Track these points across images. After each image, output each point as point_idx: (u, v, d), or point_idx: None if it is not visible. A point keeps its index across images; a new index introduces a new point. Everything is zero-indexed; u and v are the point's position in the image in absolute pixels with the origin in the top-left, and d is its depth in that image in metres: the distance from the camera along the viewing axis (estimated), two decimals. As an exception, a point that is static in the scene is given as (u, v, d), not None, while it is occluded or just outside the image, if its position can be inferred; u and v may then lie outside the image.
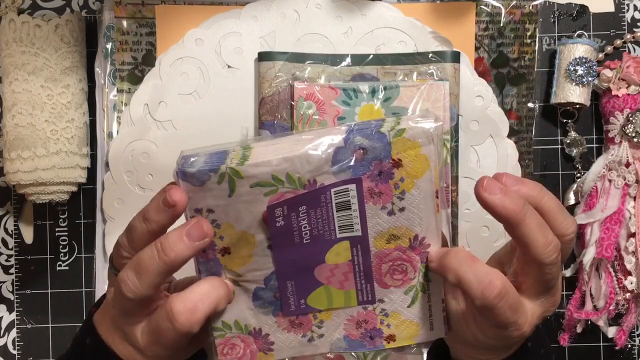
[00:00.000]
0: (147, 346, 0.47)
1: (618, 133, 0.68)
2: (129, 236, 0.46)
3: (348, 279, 0.49)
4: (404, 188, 0.47)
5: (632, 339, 0.71)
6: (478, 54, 0.70)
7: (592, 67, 0.68)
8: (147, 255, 0.44)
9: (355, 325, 0.51)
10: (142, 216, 0.46)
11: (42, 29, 0.66)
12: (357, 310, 0.51)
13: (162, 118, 0.68)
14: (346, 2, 0.69)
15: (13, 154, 0.65)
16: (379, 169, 0.46)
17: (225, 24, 0.68)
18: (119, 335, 0.48)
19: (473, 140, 0.69)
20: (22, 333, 0.71)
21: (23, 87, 0.66)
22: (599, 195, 0.69)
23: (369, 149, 0.45)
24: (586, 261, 0.68)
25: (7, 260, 0.71)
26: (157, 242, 0.44)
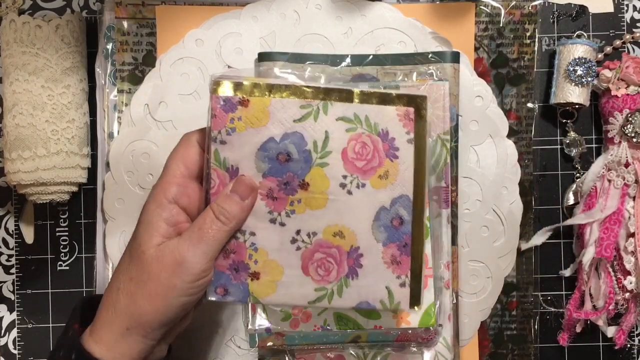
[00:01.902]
0: (206, 265, 0.51)
1: (617, 133, 0.69)
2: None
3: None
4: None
5: (632, 338, 0.72)
6: (478, 55, 0.70)
7: (592, 68, 0.68)
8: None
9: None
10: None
11: (42, 30, 0.66)
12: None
13: (163, 118, 0.68)
14: (346, 3, 0.69)
15: (14, 154, 0.65)
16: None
17: (225, 24, 0.69)
18: (140, 334, 0.51)
19: (473, 140, 0.69)
20: (23, 333, 0.71)
21: (24, 87, 0.66)
22: (598, 195, 0.69)
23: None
24: (585, 261, 0.68)
25: (8, 260, 0.71)
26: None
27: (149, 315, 0.50)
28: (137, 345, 0.51)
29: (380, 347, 0.67)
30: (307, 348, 0.66)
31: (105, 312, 0.52)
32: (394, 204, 0.55)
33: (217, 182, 0.53)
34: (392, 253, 0.55)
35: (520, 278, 0.70)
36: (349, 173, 0.55)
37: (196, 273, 0.50)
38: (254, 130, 0.53)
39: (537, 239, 0.70)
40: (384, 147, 0.55)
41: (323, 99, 0.54)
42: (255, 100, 0.53)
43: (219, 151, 0.53)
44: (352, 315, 0.64)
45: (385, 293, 0.56)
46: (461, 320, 0.69)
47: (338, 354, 0.68)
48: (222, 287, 0.54)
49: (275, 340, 0.65)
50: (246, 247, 0.54)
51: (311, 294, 0.55)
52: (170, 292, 0.50)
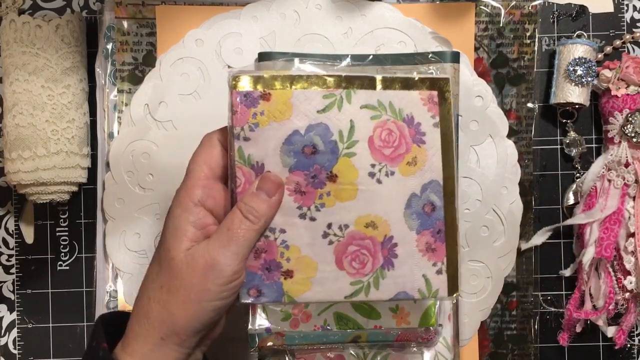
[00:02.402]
0: (238, 266, 0.50)
1: (617, 133, 0.69)
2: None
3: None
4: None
5: (632, 338, 0.72)
6: (478, 54, 0.70)
7: (592, 68, 0.68)
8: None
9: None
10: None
11: (42, 30, 0.66)
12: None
13: (163, 118, 0.68)
14: (346, 3, 0.69)
15: (14, 154, 0.65)
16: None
17: (225, 24, 0.69)
18: (175, 342, 0.50)
19: (473, 140, 0.69)
20: (23, 333, 0.71)
21: (24, 87, 0.66)
22: (598, 195, 0.69)
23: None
24: (585, 261, 0.68)
25: (8, 260, 0.71)
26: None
27: (183, 322, 0.49)
28: (173, 355, 0.50)
29: (380, 347, 0.67)
30: (307, 348, 0.66)
31: (137, 324, 0.51)
32: (424, 190, 0.54)
33: (243, 180, 0.52)
34: (426, 240, 0.54)
35: (520, 278, 0.70)
36: (377, 162, 0.53)
37: (228, 275, 0.49)
38: (278, 124, 0.51)
39: (537, 239, 0.70)
40: (411, 133, 0.54)
41: (345, 87, 0.52)
42: (277, 93, 0.51)
43: (242, 148, 0.51)
44: (352, 315, 0.64)
45: (422, 282, 0.54)
46: (461, 320, 0.69)
47: (338, 354, 0.68)
48: (255, 288, 0.52)
49: (275, 340, 0.65)
50: (277, 245, 0.52)
51: (347, 288, 0.54)
52: (203, 297, 0.49)
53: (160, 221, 0.69)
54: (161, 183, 0.69)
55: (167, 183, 0.68)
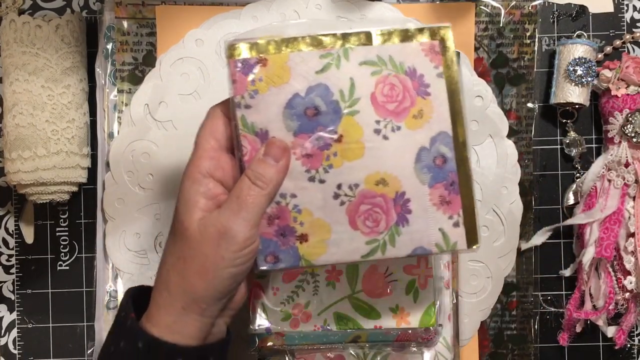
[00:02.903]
0: (251, 231, 0.50)
1: (617, 133, 0.69)
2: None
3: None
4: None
5: (632, 338, 0.72)
6: (478, 54, 0.70)
7: (592, 68, 0.68)
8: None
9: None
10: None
11: (42, 30, 0.66)
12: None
13: (163, 118, 0.68)
14: (346, 3, 0.69)
15: (14, 154, 0.65)
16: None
17: (225, 24, 0.69)
18: (195, 311, 0.51)
19: (473, 140, 0.69)
20: (23, 333, 0.71)
21: (24, 87, 0.66)
22: (598, 195, 0.69)
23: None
24: (585, 261, 0.68)
25: (8, 260, 0.71)
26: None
27: (201, 291, 0.50)
28: (195, 324, 0.51)
29: (380, 347, 0.67)
30: (307, 348, 0.66)
31: (159, 295, 0.52)
32: (433, 142, 0.53)
33: (249, 148, 0.51)
34: (439, 194, 0.53)
35: (520, 278, 0.70)
36: (381, 118, 0.52)
37: (241, 241, 0.50)
38: (277, 89, 0.51)
39: (537, 239, 0.70)
40: (414, 86, 0.53)
41: (342, 45, 0.51)
42: (273, 58, 0.51)
43: (245, 116, 0.51)
44: (352, 315, 0.64)
45: (439, 236, 0.53)
46: (461, 320, 0.69)
47: (338, 354, 0.68)
48: (272, 254, 0.52)
49: (275, 340, 0.65)
50: (289, 210, 0.52)
51: (363, 248, 0.53)
52: (218, 264, 0.50)
53: (160, 221, 0.69)
54: (161, 183, 0.69)
55: (167, 183, 0.68)
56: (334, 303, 0.63)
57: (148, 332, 0.51)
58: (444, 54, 0.53)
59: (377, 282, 0.63)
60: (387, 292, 0.63)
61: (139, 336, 0.51)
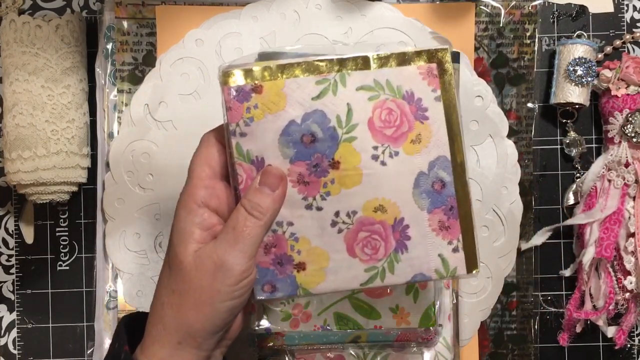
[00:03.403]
0: (248, 264, 0.49)
1: (617, 133, 0.69)
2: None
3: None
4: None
5: (632, 338, 0.72)
6: (478, 54, 0.70)
7: (592, 68, 0.68)
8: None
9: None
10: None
11: (42, 30, 0.66)
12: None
13: (163, 118, 0.68)
14: (346, 3, 0.69)
15: (14, 154, 0.65)
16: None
17: (225, 24, 0.69)
18: (192, 345, 0.50)
19: (473, 140, 0.69)
20: (23, 333, 0.71)
21: (24, 87, 0.66)
22: (598, 195, 0.69)
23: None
24: (586, 261, 0.68)
25: (8, 260, 0.71)
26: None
27: (197, 325, 0.49)
28: (191, 358, 0.50)
29: (380, 347, 0.67)
30: (307, 348, 0.66)
31: (154, 329, 0.50)
32: (432, 167, 0.52)
33: (245, 177, 0.51)
34: (439, 219, 0.53)
35: (520, 278, 0.70)
36: (379, 143, 0.52)
37: (237, 274, 0.49)
38: (273, 116, 0.50)
39: (537, 239, 0.70)
40: (412, 110, 0.52)
41: (338, 70, 0.51)
42: (268, 85, 0.50)
43: (240, 144, 0.51)
44: (352, 315, 0.63)
45: (439, 262, 0.53)
46: (461, 320, 0.69)
47: (338, 354, 0.68)
48: (269, 283, 0.52)
49: (275, 341, 0.65)
50: (286, 238, 0.51)
51: (362, 276, 0.53)
52: (214, 298, 0.49)
53: (160, 221, 0.69)
54: (161, 183, 0.69)
55: (167, 183, 0.68)
56: (334, 303, 0.63)
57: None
58: (442, 76, 0.52)
59: None
60: (387, 292, 0.63)
61: None
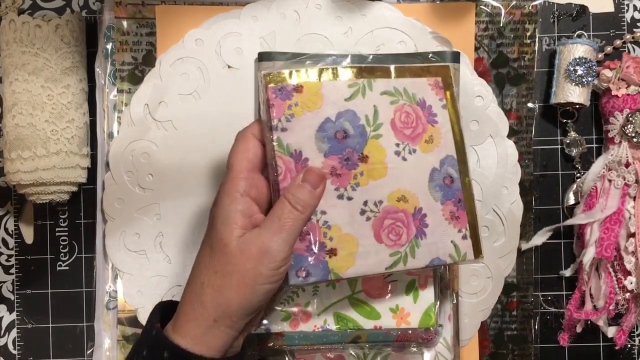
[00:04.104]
0: (287, 252, 0.54)
1: (618, 133, 0.69)
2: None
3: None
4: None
5: (632, 338, 0.71)
6: (478, 54, 0.70)
7: (592, 67, 0.68)
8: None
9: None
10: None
11: (42, 29, 0.66)
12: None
13: (162, 118, 0.68)
14: (346, 3, 0.69)
15: (13, 154, 0.65)
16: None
17: (225, 24, 0.69)
18: (226, 324, 0.54)
19: (473, 140, 0.69)
20: (23, 333, 0.71)
21: (23, 87, 0.66)
22: (598, 195, 0.69)
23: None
24: (586, 261, 0.68)
25: (8, 260, 0.71)
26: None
27: (236, 305, 0.53)
28: (223, 337, 0.54)
29: (380, 347, 0.67)
30: (307, 348, 0.66)
31: (190, 307, 0.54)
32: (442, 164, 0.60)
33: (284, 169, 0.56)
34: (450, 210, 0.59)
35: (521, 278, 0.70)
36: (400, 141, 0.58)
37: (280, 260, 0.53)
38: (311, 114, 0.56)
39: (538, 239, 0.70)
40: (424, 115, 0.60)
41: (366, 77, 0.58)
42: (308, 85, 0.57)
43: (281, 138, 0.56)
44: (352, 316, 0.64)
45: (452, 247, 0.59)
46: (461, 321, 0.69)
47: (338, 354, 0.68)
48: (303, 269, 0.56)
49: (276, 341, 0.65)
50: (319, 226, 0.56)
51: (387, 260, 0.57)
52: (256, 280, 0.53)
53: (160, 221, 0.68)
54: (161, 183, 0.68)
55: (167, 183, 0.68)
56: (334, 303, 0.64)
57: (175, 343, 0.53)
58: (446, 89, 0.61)
59: (377, 283, 0.63)
60: (387, 292, 0.63)
61: (166, 346, 0.53)
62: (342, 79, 0.58)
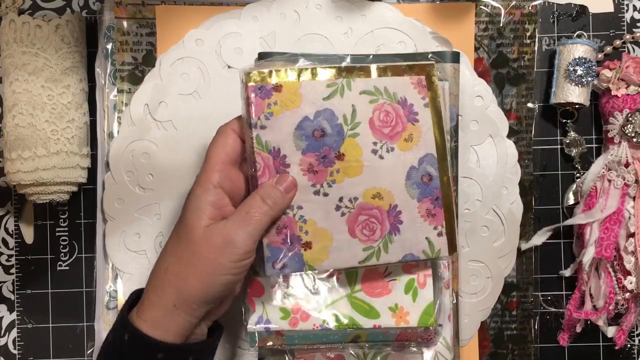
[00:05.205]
0: (250, 246, 0.55)
1: (617, 133, 0.69)
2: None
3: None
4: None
5: (632, 338, 0.71)
6: (478, 54, 0.70)
7: (592, 68, 0.68)
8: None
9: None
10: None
11: (42, 30, 0.66)
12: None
13: (163, 118, 0.68)
14: (346, 3, 0.69)
15: (14, 154, 0.65)
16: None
17: (225, 24, 0.69)
18: (185, 311, 0.54)
19: (473, 140, 0.69)
20: (23, 333, 0.71)
21: (24, 87, 0.66)
22: (598, 195, 0.69)
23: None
24: (586, 261, 0.68)
25: (8, 260, 0.71)
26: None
27: (196, 292, 0.54)
28: (181, 322, 0.55)
29: (380, 347, 0.67)
30: (307, 348, 0.66)
31: (153, 292, 0.55)
32: (421, 162, 0.60)
33: (262, 165, 0.57)
34: (426, 207, 0.60)
35: (521, 278, 0.70)
36: (378, 140, 0.59)
37: (242, 253, 0.54)
38: (290, 112, 0.57)
39: (537, 239, 0.70)
40: (405, 113, 0.60)
41: (345, 76, 0.59)
42: (287, 85, 0.58)
43: (260, 136, 0.57)
44: (351, 314, 0.64)
45: (426, 244, 0.61)
46: (461, 320, 0.69)
47: (338, 354, 0.68)
48: (279, 261, 0.58)
49: (275, 340, 0.65)
50: (296, 220, 0.58)
51: (360, 254, 0.59)
52: (217, 270, 0.54)
53: (160, 221, 0.69)
54: (161, 183, 0.69)
55: (167, 183, 0.68)
56: (333, 302, 0.64)
57: (135, 326, 0.54)
58: (430, 87, 0.61)
59: (376, 281, 0.63)
60: (386, 291, 0.63)
61: (127, 329, 0.55)
62: (320, 78, 0.59)
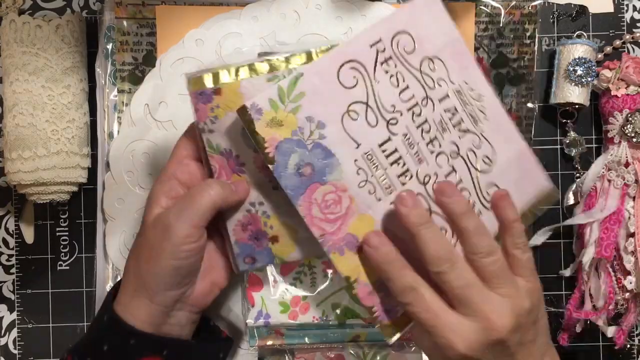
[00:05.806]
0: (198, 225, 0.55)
1: (617, 133, 0.69)
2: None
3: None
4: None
5: (632, 338, 0.72)
6: (477, 55, 0.70)
7: (592, 68, 0.68)
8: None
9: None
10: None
11: (42, 30, 0.66)
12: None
13: (163, 118, 0.68)
14: (346, 3, 0.69)
15: (14, 154, 0.65)
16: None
17: (225, 24, 0.69)
18: (145, 295, 0.56)
19: (473, 140, 0.69)
20: (23, 333, 0.71)
21: (24, 87, 0.66)
22: (598, 195, 0.69)
23: None
24: (585, 261, 0.68)
25: (8, 260, 0.71)
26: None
27: (148, 277, 0.56)
28: (145, 308, 0.56)
29: (380, 347, 0.67)
30: (307, 347, 0.66)
31: (124, 277, 0.58)
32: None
33: (217, 167, 0.57)
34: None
35: (520, 278, 0.70)
36: None
37: (181, 237, 0.54)
38: (234, 114, 0.55)
39: (537, 239, 0.70)
40: None
41: (286, 66, 0.56)
42: (226, 86, 0.56)
43: (210, 139, 0.57)
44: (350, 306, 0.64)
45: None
46: (461, 320, 0.69)
47: (338, 354, 0.68)
48: (249, 256, 0.58)
49: (275, 340, 0.65)
50: (259, 216, 0.58)
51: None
52: (161, 255, 0.55)
53: (160, 221, 0.69)
54: (161, 183, 0.68)
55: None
56: (332, 294, 0.64)
57: (113, 309, 0.57)
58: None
59: None
60: None
61: (107, 311, 0.57)
62: (260, 73, 0.56)
